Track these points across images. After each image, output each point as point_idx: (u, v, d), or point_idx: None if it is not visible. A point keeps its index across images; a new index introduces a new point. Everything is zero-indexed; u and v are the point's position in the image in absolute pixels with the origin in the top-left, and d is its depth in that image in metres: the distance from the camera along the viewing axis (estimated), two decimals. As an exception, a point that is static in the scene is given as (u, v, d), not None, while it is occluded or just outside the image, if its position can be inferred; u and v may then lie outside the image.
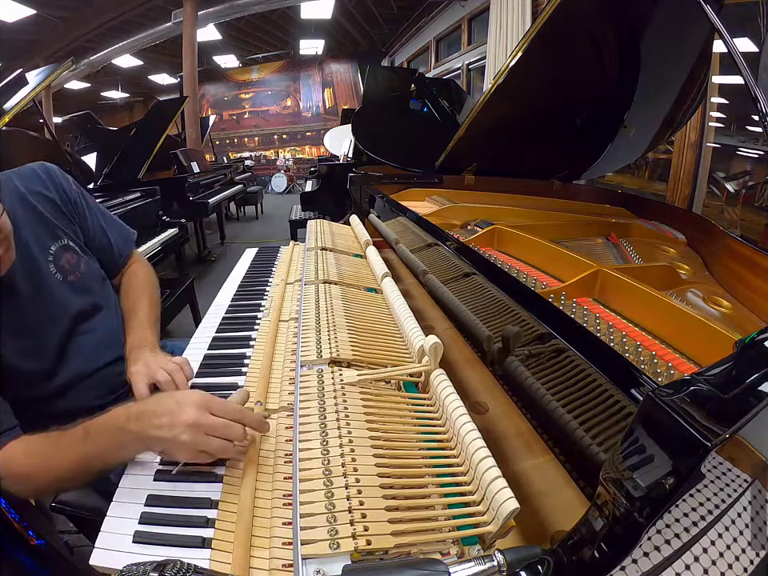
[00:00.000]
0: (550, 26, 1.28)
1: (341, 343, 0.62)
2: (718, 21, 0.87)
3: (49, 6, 5.11)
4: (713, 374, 0.37)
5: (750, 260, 1.00)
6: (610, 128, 1.70)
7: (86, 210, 0.90)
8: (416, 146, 2.34)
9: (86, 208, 0.90)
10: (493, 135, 1.64)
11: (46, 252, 0.79)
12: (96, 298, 0.86)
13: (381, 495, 0.39)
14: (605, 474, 0.35)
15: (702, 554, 0.39)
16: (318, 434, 0.46)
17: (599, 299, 0.82)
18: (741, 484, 0.41)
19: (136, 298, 0.91)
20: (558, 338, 0.48)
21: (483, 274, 0.71)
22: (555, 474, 0.50)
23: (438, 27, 6.13)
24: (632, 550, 0.32)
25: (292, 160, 9.92)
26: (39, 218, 0.80)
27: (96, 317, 0.85)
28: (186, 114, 5.41)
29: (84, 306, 0.83)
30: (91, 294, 0.85)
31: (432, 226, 1.02)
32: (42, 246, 0.79)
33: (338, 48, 9.03)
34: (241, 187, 5.23)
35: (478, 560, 0.32)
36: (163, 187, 2.95)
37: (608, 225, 1.36)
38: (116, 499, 0.52)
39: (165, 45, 6.92)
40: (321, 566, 0.33)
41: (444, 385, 0.51)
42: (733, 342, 0.51)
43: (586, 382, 0.44)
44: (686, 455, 0.30)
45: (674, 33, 1.31)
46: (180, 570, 0.33)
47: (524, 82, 1.48)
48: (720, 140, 2.33)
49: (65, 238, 0.83)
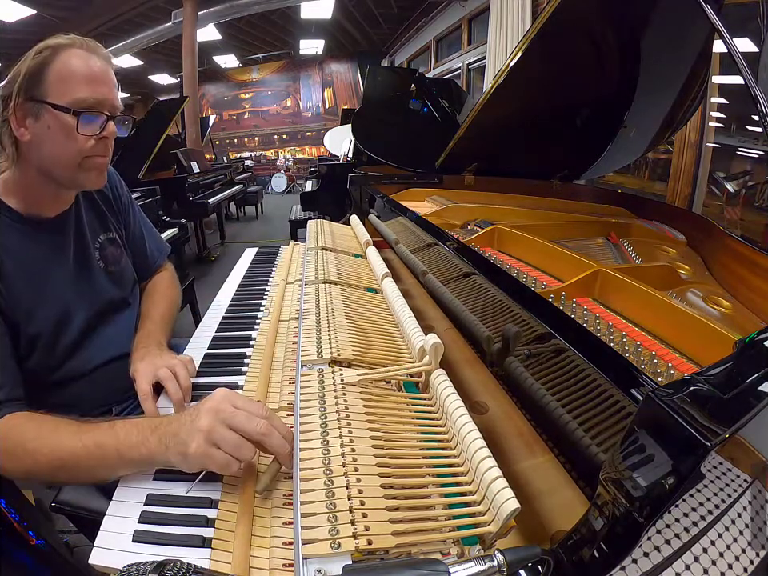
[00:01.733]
0: (550, 25, 1.28)
1: (341, 343, 0.62)
2: (718, 21, 0.87)
3: (49, 6, 5.10)
4: (713, 373, 0.37)
5: (750, 260, 1.01)
6: (609, 128, 1.69)
7: (130, 213, 0.97)
8: (416, 146, 2.33)
9: (132, 211, 0.98)
10: (493, 135, 1.64)
11: (95, 240, 0.86)
12: (126, 294, 0.91)
13: (381, 495, 0.39)
14: (605, 474, 0.35)
15: (702, 554, 0.39)
16: (319, 434, 0.45)
17: (599, 299, 0.82)
18: (741, 484, 0.41)
19: (156, 300, 0.96)
20: (558, 338, 0.48)
21: (483, 274, 0.71)
22: (555, 473, 0.50)
23: (438, 27, 6.13)
24: (632, 550, 0.32)
25: (292, 160, 9.92)
26: (96, 208, 0.88)
27: (122, 311, 0.89)
28: (186, 114, 5.41)
29: (116, 297, 0.88)
30: (124, 289, 0.90)
31: (432, 226, 1.02)
32: (93, 233, 0.86)
33: (338, 48, 9.02)
34: (241, 187, 5.23)
35: (478, 560, 0.32)
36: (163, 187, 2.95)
37: (608, 225, 1.36)
38: (116, 498, 0.52)
39: (165, 45, 6.91)
40: (321, 566, 0.33)
41: (444, 385, 0.51)
42: (733, 341, 0.51)
43: (585, 382, 0.44)
44: (686, 455, 0.30)
45: (674, 33, 1.31)
46: (180, 569, 0.33)
47: (524, 82, 1.47)
48: (720, 140, 2.33)
49: (113, 231, 0.91)
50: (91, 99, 0.69)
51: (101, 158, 0.74)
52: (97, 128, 0.70)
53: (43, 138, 0.68)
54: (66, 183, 0.75)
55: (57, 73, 0.67)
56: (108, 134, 0.72)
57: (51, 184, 0.74)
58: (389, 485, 0.40)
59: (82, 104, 0.68)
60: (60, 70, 0.67)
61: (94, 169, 0.74)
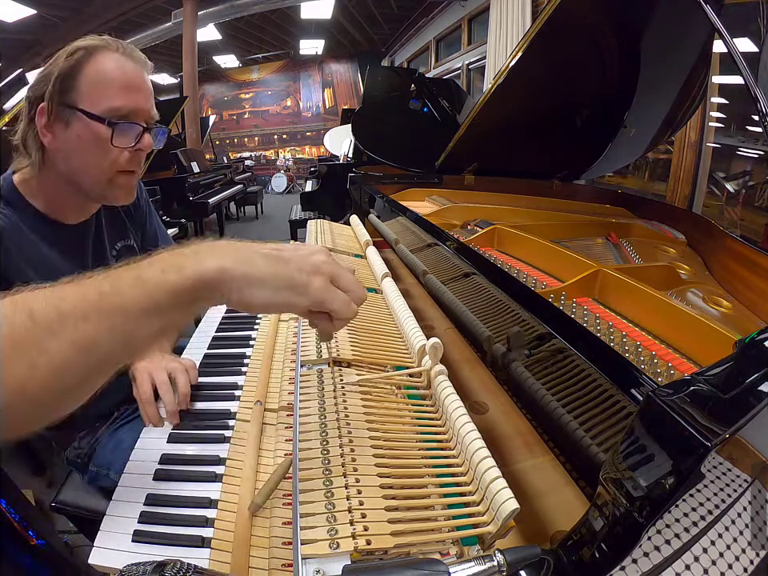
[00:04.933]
0: (550, 25, 1.28)
1: (341, 343, 0.62)
2: (718, 21, 0.87)
3: (49, 6, 5.10)
4: (713, 373, 0.37)
5: (750, 260, 1.01)
6: (610, 128, 1.69)
7: (147, 217, 0.95)
8: (416, 146, 2.33)
9: (149, 215, 0.95)
10: (493, 135, 1.64)
11: (113, 247, 0.84)
12: None
13: (381, 495, 0.39)
14: (605, 474, 0.35)
15: (702, 554, 0.39)
16: (318, 434, 0.45)
17: (599, 299, 0.82)
18: (741, 484, 0.41)
19: None
20: (558, 338, 0.48)
21: (483, 274, 0.71)
22: (555, 473, 0.50)
23: (438, 27, 6.12)
24: (632, 550, 0.32)
25: (292, 160, 9.91)
26: (116, 216, 0.85)
27: None
28: (186, 114, 5.40)
29: None
30: None
31: (432, 226, 1.02)
32: (111, 241, 0.83)
33: (338, 48, 9.02)
34: (241, 187, 5.23)
35: (478, 560, 0.32)
36: (163, 187, 2.96)
37: (608, 225, 1.36)
38: (115, 498, 0.52)
39: (165, 45, 6.91)
40: (320, 566, 0.33)
41: (444, 385, 0.51)
42: (733, 342, 0.51)
43: (585, 382, 0.44)
44: (686, 455, 0.30)
45: (674, 33, 1.31)
46: (180, 569, 0.33)
47: (524, 82, 1.47)
48: (720, 140, 2.33)
49: (130, 238, 0.88)
50: (126, 108, 0.64)
51: (131, 176, 0.70)
52: (132, 140, 0.66)
53: (73, 147, 0.65)
54: (94, 196, 0.72)
55: (90, 78, 0.63)
56: (143, 147, 0.68)
57: (78, 195, 0.70)
58: (388, 485, 0.40)
59: (117, 113, 0.64)
60: (94, 74, 0.63)
61: (124, 186, 0.70)
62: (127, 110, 0.65)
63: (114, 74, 0.64)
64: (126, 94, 0.64)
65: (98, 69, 0.63)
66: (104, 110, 0.63)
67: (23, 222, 0.67)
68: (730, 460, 0.35)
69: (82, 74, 0.62)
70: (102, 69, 0.63)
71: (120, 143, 0.65)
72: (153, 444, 0.62)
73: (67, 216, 0.74)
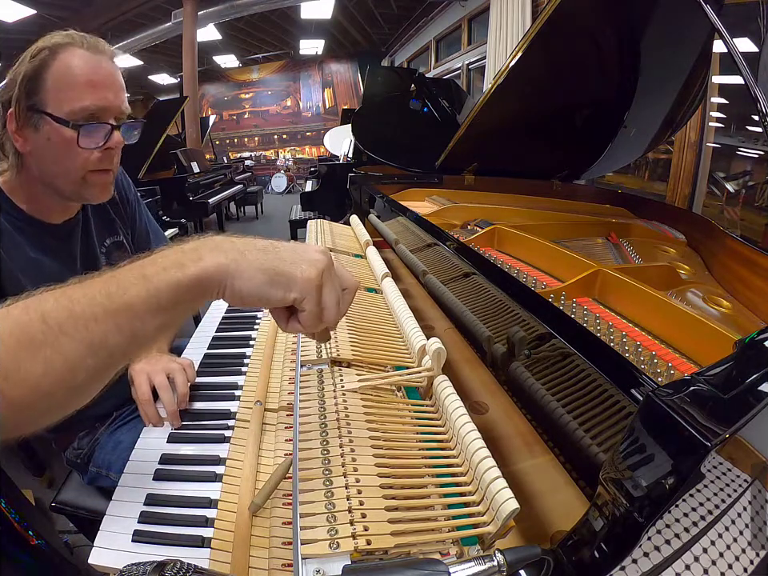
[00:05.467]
0: (550, 25, 1.28)
1: (341, 343, 0.62)
2: (718, 21, 0.87)
3: (49, 5, 5.11)
4: (713, 374, 0.37)
5: (750, 260, 1.01)
6: (610, 128, 1.69)
7: (137, 213, 0.94)
8: (416, 146, 2.33)
9: (138, 210, 0.95)
10: (493, 135, 1.64)
11: (101, 244, 0.84)
12: None
13: (381, 495, 0.39)
14: (605, 474, 0.35)
15: (702, 554, 0.39)
16: (318, 434, 0.45)
17: (599, 299, 0.82)
18: (741, 484, 0.41)
19: None
20: (558, 338, 0.48)
21: (483, 274, 0.71)
22: (555, 473, 0.50)
23: (438, 27, 6.13)
24: (632, 550, 0.32)
25: (292, 160, 9.91)
26: (103, 212, 0.85)
27: None
28: (186, 113, 5.41)
29: None
30: None
31: (432, 226, 1.02)
32: (100, 237, 0.83)
33: (338, 48, 9.02)
34: (241, 187, 5.24)
35: (478, 560, 0.32)
36: (163, 187, 2.96)
37: (608, 225, 1.36)
38: (115, 498, 0.52)
39: (165, 45, 6.91)
40: (321, 566, 0.33)
41: (444, 385, 0.51)
42: (733, 342, 0.51)
43: (585, 382, 0.44)
44: (686, 455, 0.30)
45: (674, 33, 1.31)
46: (180, 569, 0.33)
47: (524, 82, 1.47)
48: (720, 140, 2.33)
49: (119, 234, 0.88)
50: (93, 107, 0.63)
51: (105, 174, 0.69)
52: (100, 140, 0.65)
53: (44, 151, 0.64)
54: (70, 196, 0.72)
55: (55, 78, 0.61)
56: (113, 146, 0.67)
57: (56, 195, 0.70)
58: (388, 485, 0.40)
59: (83, 113, 0.63)
60: (59, 75, 0.61)
61: (98, 185, 0.70)
62: (95, 108, 0.63)
63: (78, 72, 0.62)
64: (92, 92, 0.63)
65: (63, 69, 0.61)
66: (68, 112, 0.62)
67: (10, 223, 0.67)
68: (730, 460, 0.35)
69: (46, 75, 0.61)
70: (67, 67, 0.62)
71: (87, 144, 0.64)
72: (152, 444, 0.62)
73: (51, 216, 0.73)
